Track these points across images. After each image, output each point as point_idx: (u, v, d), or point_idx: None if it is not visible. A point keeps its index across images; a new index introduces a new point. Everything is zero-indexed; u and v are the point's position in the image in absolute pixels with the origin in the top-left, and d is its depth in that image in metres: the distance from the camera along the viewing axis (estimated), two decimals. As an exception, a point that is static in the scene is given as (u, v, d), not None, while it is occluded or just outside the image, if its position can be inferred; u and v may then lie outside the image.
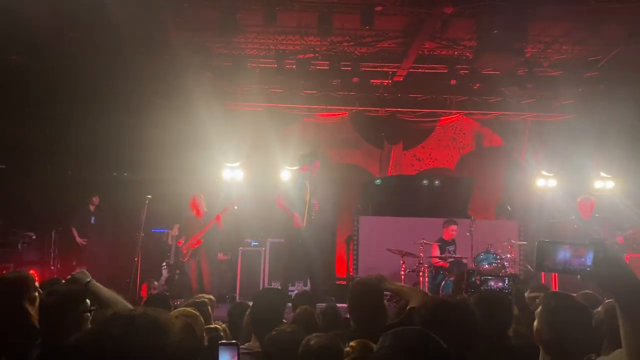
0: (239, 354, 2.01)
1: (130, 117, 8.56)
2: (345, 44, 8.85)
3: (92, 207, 9.38)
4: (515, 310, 2.99)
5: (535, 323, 2.21)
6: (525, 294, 3.16)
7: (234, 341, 2.09)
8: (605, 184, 10.35)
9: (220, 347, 2.01)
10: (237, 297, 8.33)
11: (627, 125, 8.80)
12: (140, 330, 1.66)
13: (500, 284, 7.27)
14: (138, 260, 7.89)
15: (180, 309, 2.96)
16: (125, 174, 9.62)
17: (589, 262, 1.40)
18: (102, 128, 8.30)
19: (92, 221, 9.35)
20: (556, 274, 8.64)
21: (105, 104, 8.25)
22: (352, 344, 2.41)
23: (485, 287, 6.97)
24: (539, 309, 2.24)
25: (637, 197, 9.34)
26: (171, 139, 9.06)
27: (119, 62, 8.23)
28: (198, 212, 7.93)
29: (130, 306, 2.47)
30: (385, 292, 3.26)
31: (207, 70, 9.33)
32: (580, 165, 10.33)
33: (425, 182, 10.21)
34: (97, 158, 8.99)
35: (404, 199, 10.26)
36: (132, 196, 8.70)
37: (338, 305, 4.94)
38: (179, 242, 8.08)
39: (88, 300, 2.75)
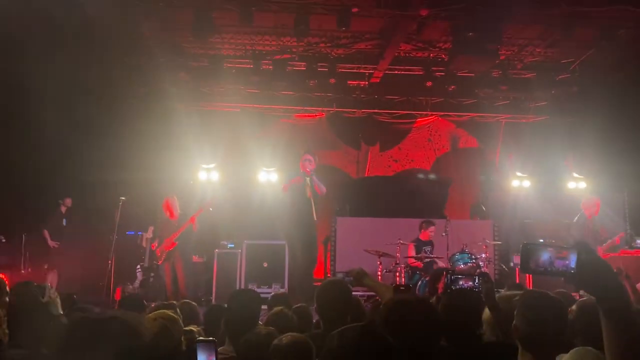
0: (216, 353, 1.98)
1: (104, 118, 8.39)
2: (322, 45, 8.85)
3: (63, 209, 9.19)
4: (486, 310, 2.99)
5: (514, 320, 2.24)
6: (502, 292, 3.16)
7: (211, 338, 2.05)
8: (577, 184, 10.55)
9: (198, 345, 1.97)
10: (213, 300, 8.25)
11: (598, 127, 8.98)
12: (110, 334, 1.64)
13: (471, 282, 7.34)
14: (112, 263, 7.75)
15: (158, 311, 2.89)
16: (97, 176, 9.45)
17: (572, 264, 1.40)
18: (74, 128, 8.13)
19: (64, 223, 9.17)
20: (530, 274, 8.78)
21: (78, 104, 8.08)
22: None
23: (456, 286, 7.01)
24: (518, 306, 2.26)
25: (608, 197, 9.55)
26: (145, 140, 8.93)
27: (93, 62, 8.08)
28: (172, 214, 7.82)
29: None
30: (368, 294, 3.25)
31: (182, 70, 9.23)
32: (554, 166, 10.52)
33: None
34: (69, 159, 8.81)
35: (380, 200, 10.31)
36: (105, 198, 8.54)
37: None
38: (153, 245, 7.96)
39: (59, 303, 2.70)
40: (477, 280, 3.48)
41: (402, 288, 3.26)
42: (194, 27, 7.20)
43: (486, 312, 2.95)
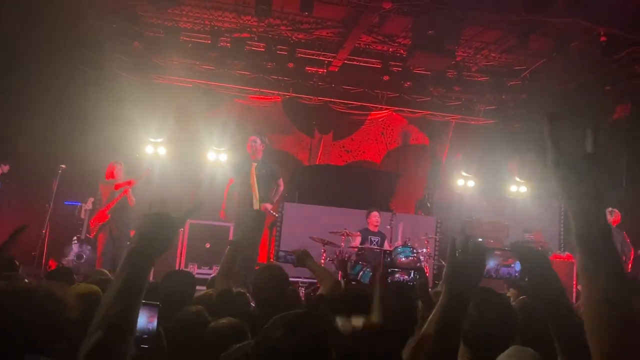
0: (158, 317, 1.92)
1: (46, 83, 7.96)
2: (282, 27, 8.74)
3: (-1, 173, 8.71)
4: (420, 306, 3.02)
5: None
6: (438, 287, 3.22)
7: (156, 302, 1.99)
8: (519, 188, 10.93)
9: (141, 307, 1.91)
10: (151, 278, 8.06)
11: (541, 135, 9.30)
12: (35, 304, 1.59)
13: (406, 276, 7.51)
14: (46, 232, 7.42)
15: (81, 284, 2.77)
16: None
17: (517, 268, 1.43)
18: (15, 93, 7.69)
19: (-1, 187, 8.69)
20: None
21: (20, 69, 7.63)
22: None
23: (392, 279, 7.15)
24: None
25: (546, 203, 9.97)
26: (91, 109, 8.57)
27: (37, 23, 7.64)
28: (115, 178, 7.55)
29: None
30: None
31: (136, 39, 8.87)
32: (498, 169, 10.87)
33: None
34: (9, 126, 8.33)
35: (330, 188, 10.34)
36: (45, 166, 8.15)
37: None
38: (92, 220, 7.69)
39: None
40: (412, 274, 3.55)
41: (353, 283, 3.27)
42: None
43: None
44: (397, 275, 7.85)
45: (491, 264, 1.50)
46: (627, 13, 6.96)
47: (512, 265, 1.47)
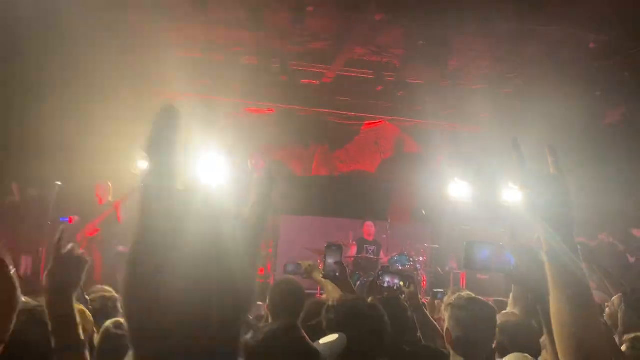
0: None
1: (39, 101, 7.95)
2: (275, 41, 8.79)
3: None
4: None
5: (445, 323, 2.30)
6: (446, 298, 3.24)
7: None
8: (514, 194, 10.97)
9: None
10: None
11: (533, 143, 9.37)
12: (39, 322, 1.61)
13: (397, 280, 7.53)
14: (43, 250, 7.39)
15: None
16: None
17: (512, 262, 1.49)
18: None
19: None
20: (464, 279, 9.08)
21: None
22: None
23: (382, 283, 7.17)
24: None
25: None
26: (84, 124, 8.55)
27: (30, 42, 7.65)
28: (99, 200, 7.58)
29: None
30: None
31: (129, 54, 8.88)
32: (492, 176, 10.92)
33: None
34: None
35: (324, 199, 10.38)
36: (38, 182, 8.12)
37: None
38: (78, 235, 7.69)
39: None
40: (398, 279, 3.56)
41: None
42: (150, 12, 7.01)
43: None
44: (386, 278, 7.88)
45: (484, 254, 1.55)
46: (617, 20, 7.07)
47: (504, 255, 1.53)
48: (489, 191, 10.91)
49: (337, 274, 2.91)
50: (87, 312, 2.73)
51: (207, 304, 0.65)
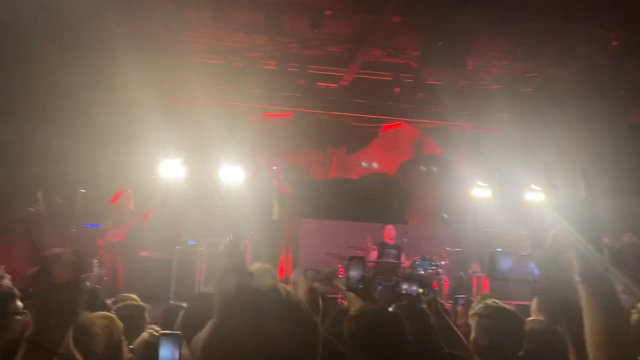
0: (180, 349, 1.90)
1: (58, 106, 8.10)
2: (293, 45, 8.82)
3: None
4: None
5: (473, 332, 2.27)
6: (473, 304, 3.19)
7: (177, 332, 1.96)
8: (536, 196, 10.82)
9: (162, 339, 1.88)
10: (172, 298, 8.10)
11: (554, 143, 9.24)
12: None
13: (414, 287, 7.46)
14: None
15: (100, 312, 2.79)
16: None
17: (536, 272, 1.49)
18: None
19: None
20: (486, 282, 8.97)
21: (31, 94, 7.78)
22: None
23: (400, 290, 7.11)
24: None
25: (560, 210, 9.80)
26: (106, 132, 8.69)
27: (53, 50, 7.80)
28: (123, 206, 7.70)
29: None
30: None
31: (149, 62, 9.00)
32: (514, 177, 10.77)
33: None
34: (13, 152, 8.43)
35: (344, 203, 10.36)
36: (60, 190, 8.24)
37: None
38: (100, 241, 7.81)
39: (19, 302, 2.62)
40: (416, 286, 3.51)
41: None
42: (165, 21, 7.10)
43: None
44: (404, 286, 7.82)
45: (507, 264, 1.55)
46: (638, 16, 6.93)
47: (527, 265, 1.53)
48: (511, 193, 10.76)
49: (360, 286, 2.87)
50: (116, 318, 2.75)
51: None
